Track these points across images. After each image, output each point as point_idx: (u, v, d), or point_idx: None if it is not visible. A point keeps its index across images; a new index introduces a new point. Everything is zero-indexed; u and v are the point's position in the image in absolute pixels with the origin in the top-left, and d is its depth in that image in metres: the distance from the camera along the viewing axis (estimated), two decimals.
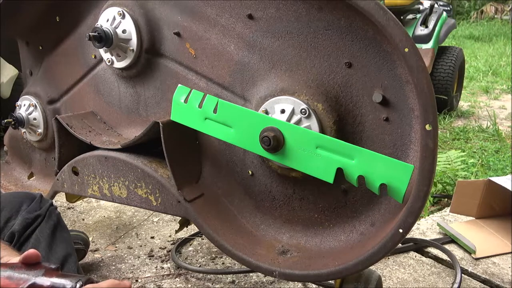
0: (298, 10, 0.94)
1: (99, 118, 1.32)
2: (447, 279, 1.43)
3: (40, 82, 1.43)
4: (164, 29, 1.12)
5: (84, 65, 1.31)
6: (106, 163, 1.18)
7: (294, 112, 0.95)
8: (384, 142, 0.93)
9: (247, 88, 1.04)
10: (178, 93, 1.02)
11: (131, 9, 1.13)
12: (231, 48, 1.04)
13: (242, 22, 1.01)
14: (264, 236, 1.09)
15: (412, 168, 0.84)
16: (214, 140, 1.10)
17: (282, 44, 0.98)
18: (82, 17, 1.28)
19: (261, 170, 1.07)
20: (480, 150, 2.89)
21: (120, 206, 1.97)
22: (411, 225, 0.85)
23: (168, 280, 1.45)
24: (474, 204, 1.73)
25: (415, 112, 0.88)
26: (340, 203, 1.01)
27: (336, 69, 0.94)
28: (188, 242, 1.69)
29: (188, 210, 1.08)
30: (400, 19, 3.87)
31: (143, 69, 1.17)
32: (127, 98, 1.25)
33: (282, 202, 1.07)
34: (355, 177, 0.88)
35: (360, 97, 0.93)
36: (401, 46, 0.80)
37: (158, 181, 1.10)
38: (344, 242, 1.00)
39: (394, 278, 1.43)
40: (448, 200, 2.08)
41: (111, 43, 1.13)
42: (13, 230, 0.89)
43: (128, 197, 1.18)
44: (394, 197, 0.87)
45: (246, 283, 1.42)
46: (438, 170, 2.25)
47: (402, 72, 0.87)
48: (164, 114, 1.17)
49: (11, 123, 1.42)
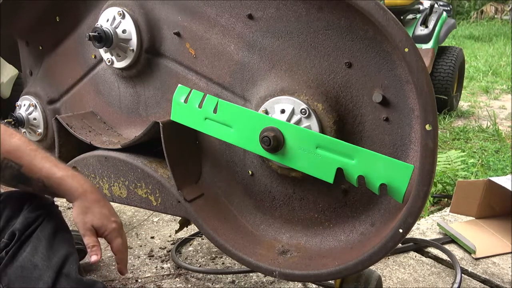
0: (298, 10, 0.94)
1: (99, 118, 1.32)
2: (447, 279, 1.43)
3: (40, 82, 1.43)
4: (164, 29, 1.12)
5: (84, 65, 1.31)
6: (106, 163, 1.18)
7: (294, 112, 0.95)
8: (384, 142, 0.93)
9: (247, 88, 1.04)
10: (178, 93, 1.02)
11: (131, 9, 1.13)
12: (231, 48, 1.04)
13: (242, 22, 1.01)
14: (264, 236, 1.09)
15: (412, 168, 0.84)
16: (214, 140, 1.10)
17: (282, 44, 0.98)
18: (82, 17, 1.28)
19: (261, 170, 1.07)
20: (480, 150, 2.89)
21: (120, 206, 1.97)
22: (411, 225, 0.85)
23: (168, 280, 1.45)
24: (474, 204, 1.73)
25: (415, 112, 0.88)
26: (340, 203, 1.01)
27: (336, 69, 0.94)
28: (188, 242, 1.69)
29: (188, 210, 1.08)
30: (400, 19, 3.87)
31: (143, 69, 1.17)
32: (127, 98, 1.25)
33: (282, 202, 1.07)
34: (355, 177, 0.88)
35: (360, 97, 0.93)
36: (401, 46, 0.80)
37: (158, 181, 1.10)
38: (344, 242, 1.00)
39: (394, 278, 1.43)
40: (448, 200, 2.08)
41: (111, 43, 1.13)
42: (14, 229, 0.89)
43: (128, 197, 1.18)
44: (394, 197, 0.87)
45: (246, 283, 1.42)
46: (438, 170, 2.25)
47: (402, 72, 0.87)
48: (164, 114, 1.17)
49: (11, 123, 1.42)
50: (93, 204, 0.91)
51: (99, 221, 0.91)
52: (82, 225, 0.90)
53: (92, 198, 0.92)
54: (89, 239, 0.89)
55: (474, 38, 10.60)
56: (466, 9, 16.44)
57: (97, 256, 0.88)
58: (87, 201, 0.91)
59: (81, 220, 0.90)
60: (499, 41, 9.78)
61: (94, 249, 0.88)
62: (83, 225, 0.90)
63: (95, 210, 0.91)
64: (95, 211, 0.91)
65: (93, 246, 0.89)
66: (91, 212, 0.90)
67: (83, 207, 0.91)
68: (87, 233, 0.90)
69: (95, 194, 0.93)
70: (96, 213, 0.91)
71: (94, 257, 0.88)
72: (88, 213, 0.90)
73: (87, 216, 0.90)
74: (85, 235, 0.90)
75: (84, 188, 0.91)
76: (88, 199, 0.91)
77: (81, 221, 0.90)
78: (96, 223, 0.90)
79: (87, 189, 0.92)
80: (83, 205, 0.91)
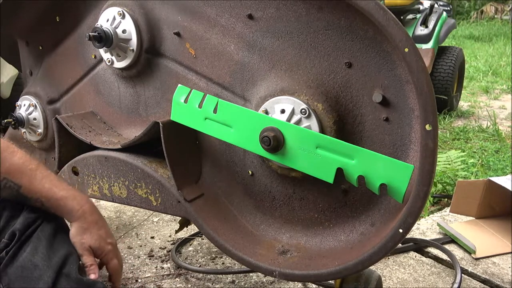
0: (298, 10, 0.94)
1: (99, 118, 1.32)
2: (447, 279, 1.43)
3: (40, 82, 1.43)
4: (164, 29, 1.12)
5: (84, 65, 1.31)
6: (106, 163, 1.18)
7: (294, 112, 0.95)
8: (384, 142, 0.93)
9: (247, 88, 1.04)
10: (178, 93, 1.02)
11: (131, 9, 1.13)
12: (231, 48, 1.04)
13: (242, 22, 1.01)
14: (264, 236, 1.09)
15: (412, 168, 0.84)
16: (214, 140, 1.10)
17: (282, 44, 0.98)
18: (82, 17, 1.28)
19: (261, 170, 1.07)
20: (480, 150, 2.89)
21: (120, 206, 1.97)
22: (411, 225, 0.85)
23: (168, 280, 1.45)
24: (474, 204, 1.73)
25: (415, 112, 0.88)
26: (340, 203, 1.01)
27: (336, 69, 0.94)
28: (188, 242, 1.69)
29: (188, 210, 1.08)
30: (400, 19, 3.87)
31: (143, 69, 1.17)
32: (127, 98, 1.25)
33: (282, 202, 1.07)
34: (355, 177, 0.88)
35: (360, 97, 0.93)
36: (401, 46, 0.80)
37: (158, 181, 1.10)
38: (344, 242, 1.00)
39: (394, 278, 1.43)
40: (448, 200, 2.08)
41: (111, 43, 1.13)
42: (14, 229, 0.89)
43: (128, 197, 1.18)
44: (394, 197, 0.87)
45: (246, 283, 1.42)
46: (438, 170, 2.25)
47: (402, 72, 0.87)
48: (164, 114, 1.17)
49: (11, 123, 1.42)
50: (91, 225, 0.95)
51: (96, 242, 0.94)
52: (80, 245, 0.93)
53: (90, 220, 0.95)
54: (87, 259, 0.93)
55: (474, 38, 10.61)
56: (466, 9, 16.44)
57: (95, 275, 0.91)
58: (86, 223, 0.94)
59: (79, 240, 0.93)
60: (499, 41, 9.78)
61: (92, 267, 0.92)
62: (80, 245, 0.93)
63: (93, 231, 0.94)
64: (93, 232, 0.94)
65: (91, 265, 0.92)
66: (89, 233, 0.94)
67: (81, 228, 0.94)
68: (85, 253, 0.93)
69: (94, 215, 0.96)
70: (94, 234, 0.94)
71: (93, 276, 0.91)
72: (86, 234, 0.94)
73: (85, 237, 0.94)
74: (83, 255, 0.93)
75: (83, 210, 0.94)
76: (87, 220, 0.94)
77: (79, 241, 0.93)
78: (93, 245, 0.94)
79: (86, 210, 0.95)
80: (82, 226, 0.94)
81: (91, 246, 0.93)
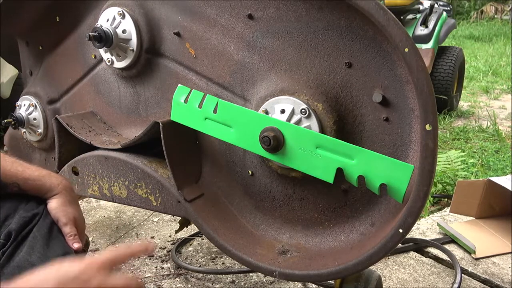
0: (298, 10, 0.94)
1: (99, 118, 1.32)
2: (447, 279, 1.43)
3: (40, 82, 1.43)
4: (164, 29, 1.12)
5: (84, 65, 1.31)
6: (106, 163, 1.18)
7: (294, 112, 0.95)
8: (384, 142, 0.93)
9: (247, 88, 1.04)
10: (178, 93, 1.02)
11: (131, 9, 1.13)
12: (231, 48, 1.04)
13: (242, 22, 1.01)
14: (264, 236, 1.09)
15: (412, 168, 0.84)
16: (214, 140, 1.10)
17: (282, 44, 0.98)
18: (82, 17, 1.28)
19: (261, 170, 1.07)
20: (480, 150, 2.89)
21: (120, 206, 1.97)
22: (411, 225, 0.85)
23: (168, 280, 1.45)
24: (474, 204, 1.74)
25: (415, 112, 0.88)
26: (340, 203, 1.01)
27: (336, 69, 0.94)
28: (188, 242, 1.69)
29: (188, 210, 1.08)
30: (400, 19, 3.87)
31: (143, 69, 1.17)
32: (127, 98, 1.25)
33: (282, 202, 1.07)
34: (355, 177, 0.88)
35: (360, 97, 0.93)
36: (401, 46, 0.80)
37: (158, 181, 1.10)
38: (344, 242, 1.00)
39: (394, 278, 1.43)
40: (448, 200, 2.08)
41: (111, 43, 1.13)
42: (10, 229, 0.89)
43: (128, 197, 1.18)
44: (394, 197, 0.87)
45: (246, 283, 1.42)
46: (438, 170, 2.25)
47: (402, 72, 0.87)
48: (164, 114, 1.17)
49: (11, 123, 1.42)
50: (74, 200, 0.95)
51: (80, 215, 0.94)
52: (65, 214, 0.92)
53: (73, 195, 0.95)
54: (71, 228, 0.92)
55: (474, 38, 10.61)
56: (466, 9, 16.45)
57: (78, 244, 0.91)
58: (69, 196, 0.94)
59: (64, 210, 0.93)
60: (499, 41, 9.78)
61: (76, 237, 0.91)
62: (65, 215, 0.92)
63: (75, 205, 0.95)
64: (76, 206, 0.95)
65: (75, 235, 0.92)
66: (73, 206, 0.94)
67: (65, 201, 0.93)
68: (69, 223, 0.92)
69: (73, 192, 0.97)
70: (77, 207, 0.95)
71: (76, 245, 0.90)
72: (71, 206, 0.93)
73: (69, 209, 0.93)
74: (67, 224, 0.92)
75: (64, 185, 0.94)
76: (70, 194, 0.94)
77: (63, 211, 0.93)
78: (77, 217, 0.94)
79: (67, 186, 0.95)
80: (66, 199, 0.93)
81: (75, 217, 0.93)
